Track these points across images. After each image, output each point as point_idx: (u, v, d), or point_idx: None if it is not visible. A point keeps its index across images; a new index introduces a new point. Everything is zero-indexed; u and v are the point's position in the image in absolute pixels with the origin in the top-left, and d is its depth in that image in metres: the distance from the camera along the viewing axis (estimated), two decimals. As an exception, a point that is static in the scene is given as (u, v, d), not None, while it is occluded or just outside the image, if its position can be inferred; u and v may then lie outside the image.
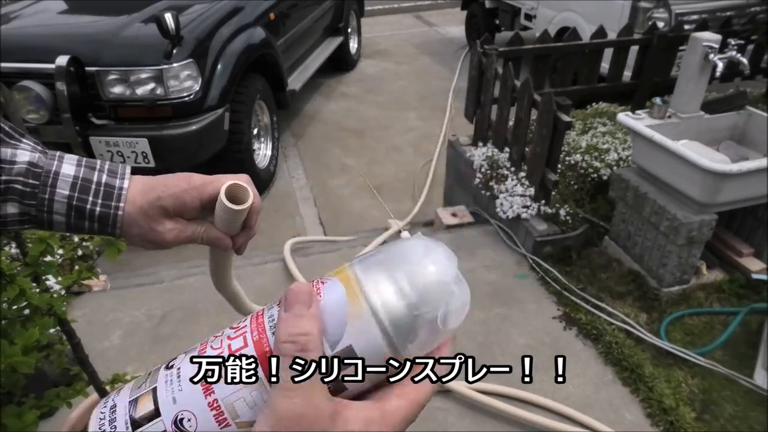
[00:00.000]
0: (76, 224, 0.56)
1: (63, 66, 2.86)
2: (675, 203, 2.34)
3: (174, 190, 0.55)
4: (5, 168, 0.53)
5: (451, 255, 0.37)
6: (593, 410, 2.00)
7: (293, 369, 0.30)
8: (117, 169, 0.57)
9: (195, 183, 0.55)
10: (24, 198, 0.53)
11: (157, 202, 0.55)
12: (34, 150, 0.54)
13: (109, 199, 0.55)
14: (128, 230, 0.56)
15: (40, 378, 1.80)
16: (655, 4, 4.24)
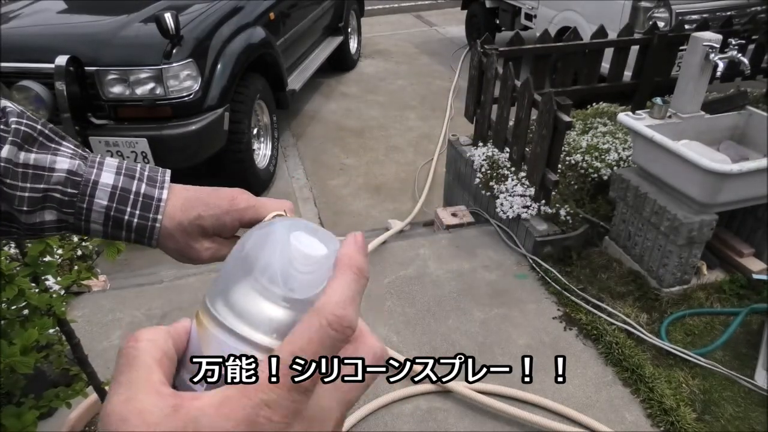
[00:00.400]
0: (113, 233, 0.55)
1: (62, 66, 2.86)
2: (675, 203, 2.34)
3: (215, 210, 0.53)
4: (45, 176, 0.52)
5: (279, 229, 0.32)
6: (593, 411, 2.00)
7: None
8: (156, 176, 0.56)
9: (238, 205, 0.53)
10: (62, 206, 0.53)
11: (196, 221, 0.54)
12: (73, 156, 0.54)
13: (147, 210, 0.54)
14: (165, 243, 0.55)
15: (40, 378, 1.80)
16: (655, 4, 4.24)
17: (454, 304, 2.50)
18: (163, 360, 0.29)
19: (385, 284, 2.62)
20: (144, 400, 0.26)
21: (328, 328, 0.26)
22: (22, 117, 0.52)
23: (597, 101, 3.59)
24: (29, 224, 0.53)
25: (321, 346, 0.26)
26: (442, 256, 2.81)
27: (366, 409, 1.99)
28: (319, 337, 0.26)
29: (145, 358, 0.28)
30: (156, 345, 0.29)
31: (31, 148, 0.52)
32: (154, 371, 0.28)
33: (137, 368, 0.27)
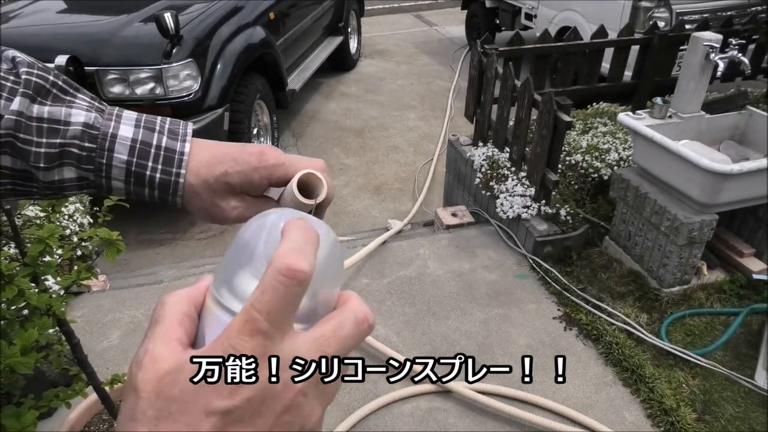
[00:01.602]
0: (135, 191, 0.52)
1: (62, 65, 2.86)
2: (676, 203, 2.34)
3: (243, 167, 0.50)
4: (60, 130, 0.49)
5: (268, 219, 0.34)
6: (594, 411, 2.00)
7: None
8: (178, 129, 0.53)
9: (267, 162, 0.50)
10: (81, 162, 0.50)
11: (223, 178, 0.51)
12: (90, 108, 0.51)
13: (170, 165, 0.51)
14: (190, 201, 0.53)
15: (39, 378, 1.80)
16: (655, 4, 4.24)
17: (454, 304, 2.49)
18: (184, 320, 0.31)
19: (385, 284, 2.62)
20: (159, 351, 0.29)
21: (279, 275, 0.28)
22: (33, 67, 0.50)
23: (597, 101, 3.59)
24: (48, 182, 0.51)
25: (273, 294, 0.27)
26: (442, 256, 2.80)
27: (366, 409, 1.99)
28: (272, 286, 0.28)
29: (168, 319, 0.31)
30: (178, 308, 0.32)
31: (45, 100, 0.50)
32: (174, 329, 0.31)
33: (160, 326, 0.31)
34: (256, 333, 0.27)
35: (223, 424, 0.27)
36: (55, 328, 1.36)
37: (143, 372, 0.28)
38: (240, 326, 0.28)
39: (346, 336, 0.31)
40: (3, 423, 1.13)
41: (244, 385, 0.27)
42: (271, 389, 0.28)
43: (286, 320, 0.28)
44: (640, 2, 4.28)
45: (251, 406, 0.27)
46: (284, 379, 0.28)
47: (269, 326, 0.27)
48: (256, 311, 0.27)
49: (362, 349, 2.26)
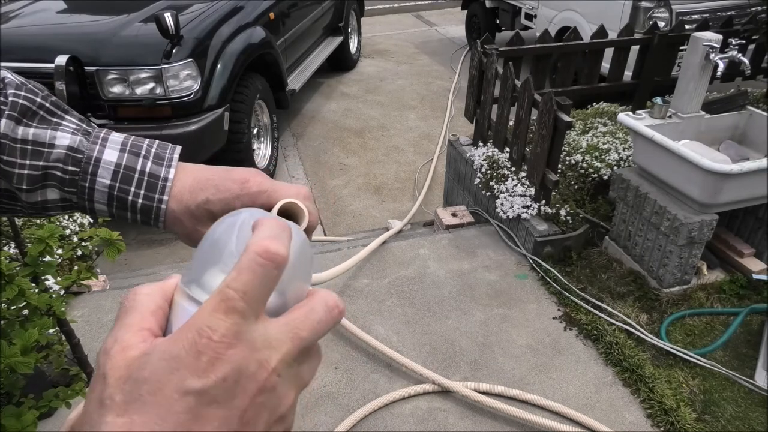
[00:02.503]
0: (118, 214, 0.52)
1: (62, 65, 2.86)
2: (676, 203, 2.34)
3: (225, 194, 0.50)
4: (44, 152, 0.49)
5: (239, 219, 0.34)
6: (593, 411, 2.00)
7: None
8: (164, 153, 0.53)
9: (249, 189, 0.49)
10: (64, 185, 0.50)
11: (204, 205, 0.50)
12: (75, 131, 0.51)
13: (153, 190, 0.51)
14: (172, 226, 0.52)
15: (39, 378, 1.80)
16: (655, 4, 4.24)
17: (454, 304, 2.49)
18: (158, 312, 0.31)
19: (385, 284, 2.62)
20: (129, 339, 0.28)
21: (257, 257, 0.28)
22: (21, 89, 0.50)
23: (597, 101, 3.59)
24: (31, 203, 0.51)
25: (250, 274, 0.27)
26: (442, 256, 2.80)
27: (366, 409, 1.99)
28: (248, 267, 0.28)
29: (141, 308, 0.30)
30: (152, 299, 0.31)
31: (30, 122, 0.50)
32: (146, 319, 0.30)
33: (132, 316, 0.30)
34: (231, 311, 0.27)
35: (197, 405, 0.26)
36: (55, 328, 1.36)
37: (111, 360, 0.28)
38: (215, 305, 0.27)
39: (318, 320, 0.31)
40: (3, 423, 1.13)
41: (219, 364, 0.26)
42: (246, 369, 0.27)
43: (260, 302, 0.28)
44: (640, 2, 4.28)
45: (226, 386, 0.27)
46: (259, 359, 0.28)
47: (245, 306, 0.27)
48: (233, 290, 0.27)
49: (362, 349, 2.26)
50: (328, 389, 2.09)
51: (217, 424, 0.27)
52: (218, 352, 0.26)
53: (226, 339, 0.27)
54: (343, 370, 2.18)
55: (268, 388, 0.28)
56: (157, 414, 0.26)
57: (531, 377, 2.14)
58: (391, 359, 2.19)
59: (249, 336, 0.28)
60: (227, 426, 0.27)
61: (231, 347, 0.27)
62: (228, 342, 0.27)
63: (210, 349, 0.26)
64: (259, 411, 0.28)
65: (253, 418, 0.28)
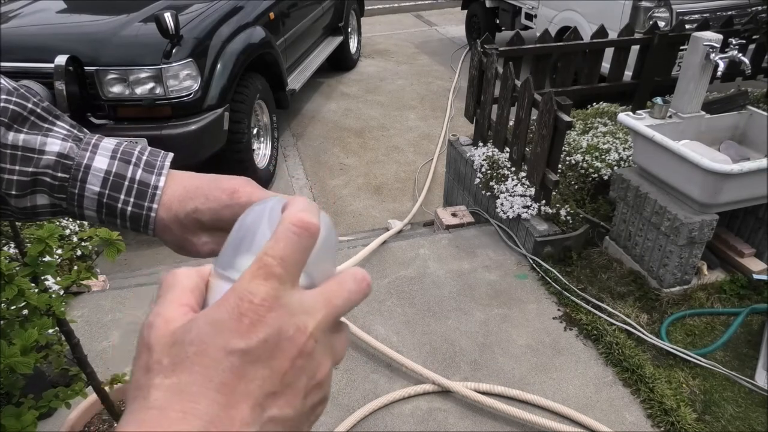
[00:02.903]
0: (107, 221, 0.53)
1: (62, 65, 2.86)
2: (676, 203, 2.33)
3: (214, 204, 0.49)
4: (34, 158, 0.49)
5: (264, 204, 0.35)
6: (594, 411, 2.00)
7: None
8: (156, 161, 0.53)
9: (239, 200, 0.49)
10: (53, 191, 0.50)
11: (193, 214, 0.50)
12: (66, 138, 0.51)
13: (142, 198, 0.51)
14: (162, 234, 0.52)
15: (39, 378, 1.80)
16: (656, 4, 4.24)
17: (454, 304, 2.49)
18: (195, 291, 0.32)
19: (385, 284, 2.62)
20: (171, 313, 0.30)
21: (291, 226, 0.29)
22: (12, 95, 0.50)
23: (597, 101, 3.59)
24: (20, 208, 0.51)
25: (286, 242, 0.29)
26: (442, 256, 2.80)
27: (366, 409, 1.99)
28: (284, 236, 0.29)
29: (181, 286, 0.32)
30: (191, 278, 0.32)
31: (21, 127, 0.50)
32: (186, 295, 0.31)
33: (173, 292, 0.31)
34: (270, 276, 0.28)
35: (242, 364, 0.27)
36: (55, 328, 1.36)
37: (156, 331, 0.29)
38: (254, 271, 0.28)
39: (350, 290, 0.32)
40: (3, 423, 1.13)
41: (261, 326, 0.28)
42: (286, 331, 0.28)
43: (297, 269, 0.30)
44: (640, 2, 4.28)
45: (268, 346, 0.28)
46: (296, 324, 0.29)
47: (283, 271, 0.28)
48: (270, 257, 0.29)
49: (362, 350, 2.26)
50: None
51: (260, 383, 0.28)
52: (259, 314, 0.28)
53: (266, 302, 0.28)
54: (343, 370, 2.17)
55: (306, 352, 0.29)
56: (203, 373, 0.27)
57: (531, 377, 2.14)
58: (391, 359, 2.18)
59: (287, 300, 0.29)
60: (270, 385, 0.28)
61: (271, 310, 0.28)
62: (268, 305, 0.28)
63: (251, 311, 0.28)
64: (298, 374, 0.29)
65: (294, 380, 0.29)
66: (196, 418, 0.26)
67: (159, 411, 0.26)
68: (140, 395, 0.27)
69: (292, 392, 0.29)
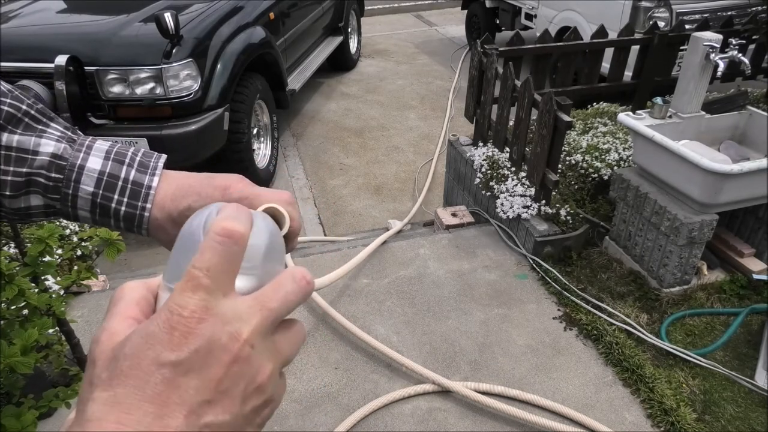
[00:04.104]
0: (101, 221, 0.53)
1: (62, 65, 2.86)
2: (676, 203, 2.34)
3: (206, 201, 0.49)
4: (28, 159, 0.50)
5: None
6: (594, 411, 2.00)
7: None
8: (149, 161, 0.53)
9: (231, 196, 0.49)
10: (47, 192, 0.51)
11: (186, 212, 0.50)
12: (60, 139, 0.51)
13: (136, 198, 0.51)
14: (156, 234, 0.53)
15: (39, 378, 1.80)
16: (656, 4, 4.24)
17: (454, 304, 2.49)
18: (141, 302, 0.33)
19: (385, 284, 2.62)
20: (115, 327, 0.31)
21: (215, 236, 0.30)
22: (6, 96, 0.50)
23: (597, 101, 3.59)
24: (14, 209, 0.51)
25: (212, 252, 0.30)
26: (442, 256, 2.80)
27: (366, 409, 1.99)
28: (209, 246, 0.30)
29: (126, 299, 0.33)
30: (137, 290, 0.34)
31: (15, 129, 0.50)
32: (131, 308, 0.33)
33: (119, 306, 0.33)
34: (198, 288, 0.29)
35: (173, 375, 0.28)
36: (55, 328, 1.36)
37: (100, 346, 0.31)
38: (183, 285, 0.29)
39: (287, 292, 0.33)
40: (3, 423, 1.13)
41: (191, 338, 0.28)
42: (218, 340, 0.29)
43: (226, 278, 0.30)
44: (640, 2, 4.28)
45: (199, 356, 0.29)
46: (229, 331, 0.30)
47: (210, 282, 0.29)
48: (197, 269, 0.29)
49: (362, 349, 2.26)
50: (328, 389, 2.09)
51: (194, 392, 0.29)
52: (189, 326, 0.29)
53: (195, 314, 0.29)
54: (343, 370, 2.17)
55: (242, 358, 0.30)
56: (136, 385, 0.28)
57: (531, 377, 2.14)
58: (391, 359, 2.18)
59: (218, 310, 0.30)
60: (204, 393, 0.29)
61: (201, 321, 0.29)
62: (198, 317, 0.29)
63: (181, 324, 0.29)
64: (235, 380, 0.30)
65: (230, 386, 0.30)
66: (131, 428, 0.27)
67: (96, 422, 0.28)
68: (81, 408, 0.29)
69: (228, 398, 0.30)
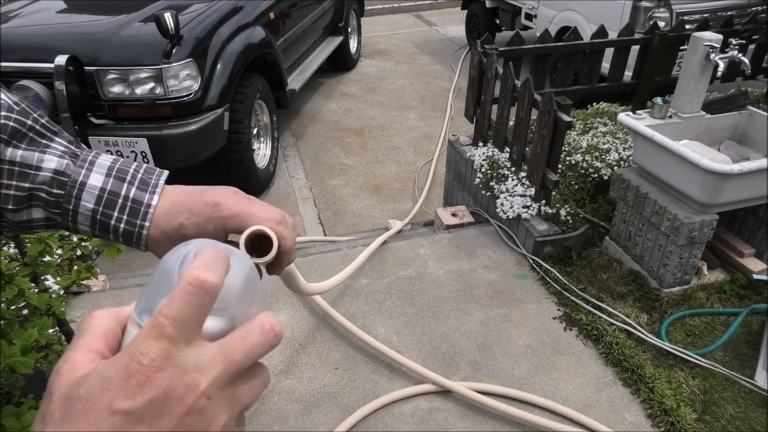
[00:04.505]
0: (101, 235, 0.54)
1: (62, 65, 2.86)
2: (676, 203, 2.33)
3: (198, 218, 0.50)
4: (30, 174, 0.51)
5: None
6: (594, 411, 2.00)
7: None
8: (150, 179, 0.53)
9: (221, 213, 0.49)
10: (49, 206, 0.52)
11: (179, 230, 0.51)
12: (63, 154, 0.52)
13: (135, 216, 0.52)
14: (154, 250, 0.54)
15: (39, 378, 1.80)
16: (656, 4, 4.24)
17: (454, 304, 2.49)
18: (108, 334, 0.33)
19: (385, 284, 2.62)
20: (77, 360, 0.31)
21: (188, 286, 0.29)
22: (12, 111, 0.51)
23: (597, 101, 3.59)
24: (16, 222, 0.52)
25: (181, 302, 0.29)
26: (442, 256, 2.80)
27: (366, 409, 1.99)
28: (179, 295, 0.29)
29: (93, 331, 0.32)
30: (105, 322, 0.33)
31: (19, 143, 0.51)
32: (97, 341, 0.32)
33: (84, 337, 0.32)
34: (161, 337, 0.29)
35: (123, 424, 0.28)
36: (55, 328, 1.36)
37: (60, 378, 0.30)
38: (147, 331, 0.29)
39: (252, 343, 0.32)
40: (3, 423, 1.13)
41: (147, 387, 0.28)
42: (174, 391, 0.29)
43: (192, 328, 0.30)
44: (640, 2, 4.28)
45: (153, 407, 0.28)
46: (187, 382, 0.29)
47: (174, 332, 0.29)
48: (163, 317, 0.29)
49: (362, 349, 2.26)
50: (328, 389, 2.09)
51: None
52: (147, 375, 0.28)
53: (155, 363, 0.28)
54: (343, 370, 2.17)
55: (196, 410, 0.30)
56: (85, 430, 0.28)
57: (531, 377, 2.14)
58: (391, 359, 2.18)
59: (179, 360, 0.29)
60: None
61: (160, 371, 0.28)
62: (157, 366, 0.28)
63: (139, 372, 0.28)
64: (187, 430, 0.30)
65: None
66: None
67: None
68: None
69: None
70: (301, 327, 2.38)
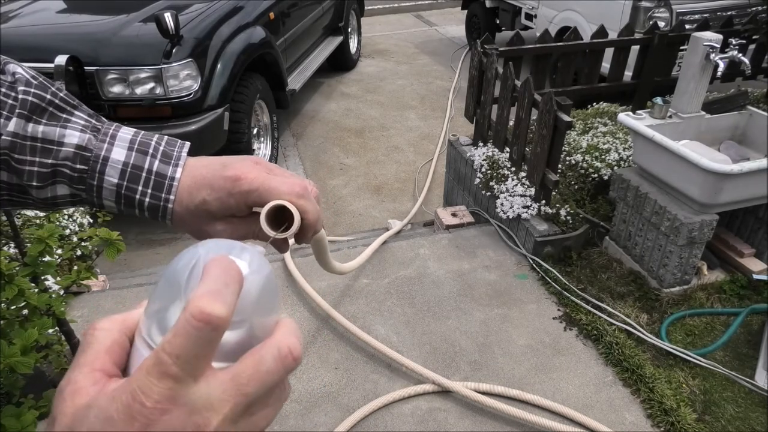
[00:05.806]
0: (127, 211, 0.53)
1: (62, 65, 2.86)
2: (676, 203, 2.33)
3: (219, 193, 0.49)
4: (53, 150, 0.50)
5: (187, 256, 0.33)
6: (594, 411, 2.00)
7: None
8: (173, 151, 0.53)
9: (241, 188, 0.48)
10: (73, 182, 0.51)
11: (202, 206, 0.50)
12: (84, 129, 0.51)
13: (159, 190, 0.51)
14: (178, 225, 0.53)
15: (39, 378, 1.80)
16: (656, 4, 4.24)
17: (454, 304, 2.49)
18: (114, 348, 0.30)
19: (385, 284, 2.62)
20: (81, 381, 0.29)
21: (192, 320, 0.26)
22: (30, 86, 0.50)
23: (597, 101, 3.59)
24: (41, 198, 0.52)
25: (185, 338, 0.26)
26: (442, 256, 2.80)
27: (366, 409, 1.99)
28: (183, 330, 0.26)
29: (96, 346, 0.30)
30: (108, 335, 0.31)
31: (40, 119, 0.50)
32: (101, 358, 0.30)
33: (86, 354, 0.30)
34: (164, 376, 0.26)
35: None
36: (55, 328, 1.36)
37: (63, 404, 0.28)
38: (149, 368, 0.26)
39: (267, 371, 0.29)
40: (3, 423, 1.13)
41: (152, 430, 0.26)
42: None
43: (199, 364, 0.27)
44: (640, 2, 4.28)
45: None
46: (196, 422, 0.27)
47: (178, 370, 0.26)
48: (166, 354, 0.26)
49: (362, 350, 2.26)
50: (328, 389, 2.09)
51: None
52: (150, 419, 0.26)
53: (159, 405, 0.26)
54: (343, 370, 2.17)
55: None
56: None
57: (531, 377, 2.14)
58: (391, 359, 2.18)
59: (186, 399, 0.27)
60: None
61: (165, 413, 0.26)
62: (161, 408, 0.26)
63: (142, 415, 0.26)
64: None
65: None
66: None
67: None
68: None
69: None
70: (301, 327, 2.38)
